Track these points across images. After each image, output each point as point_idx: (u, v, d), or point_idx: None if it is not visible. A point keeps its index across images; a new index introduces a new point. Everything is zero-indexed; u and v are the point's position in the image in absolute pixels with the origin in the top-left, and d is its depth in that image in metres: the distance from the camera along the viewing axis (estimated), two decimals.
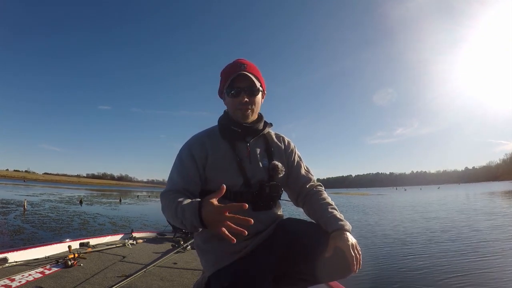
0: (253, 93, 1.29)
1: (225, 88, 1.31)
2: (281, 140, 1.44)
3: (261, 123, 1.37)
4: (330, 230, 1.15)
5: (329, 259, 1.10)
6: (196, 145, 1.29)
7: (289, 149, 1.43)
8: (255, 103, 1.31)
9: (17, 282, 2.07)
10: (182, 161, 1.27)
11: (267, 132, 1.41)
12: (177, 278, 2.40)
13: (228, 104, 1.34)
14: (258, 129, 1.35)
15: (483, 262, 5.29)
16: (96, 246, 3.33)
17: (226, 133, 1.32)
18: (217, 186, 1.15)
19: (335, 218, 1.18)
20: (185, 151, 1.29)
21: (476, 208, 16.89)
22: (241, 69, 1.28)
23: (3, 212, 12.63)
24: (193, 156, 1.26)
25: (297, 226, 1.24)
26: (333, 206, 1.26)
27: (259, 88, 1.31)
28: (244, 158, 1.29)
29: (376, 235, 8.69)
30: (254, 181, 1.27)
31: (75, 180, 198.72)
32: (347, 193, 78.18)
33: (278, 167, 1.29)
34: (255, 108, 1.32)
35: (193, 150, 1.28)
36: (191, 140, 1.33)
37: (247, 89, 1.28)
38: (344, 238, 1.10)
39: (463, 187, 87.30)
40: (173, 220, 1.15)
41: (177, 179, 1.24)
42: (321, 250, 1.12)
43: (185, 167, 1.25)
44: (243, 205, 0.99)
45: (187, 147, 1.30)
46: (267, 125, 1.39)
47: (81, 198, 24.16)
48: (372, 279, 4.57)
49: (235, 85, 1.28)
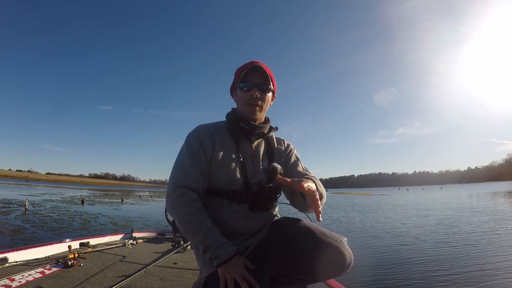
0: (264, 90, 1.31)
1: (238, 82, 1.32)
2: (281, 143, 1.46)
3: (267, 125, 1.38)
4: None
5: (324, 257, 1.12)
6: (205, 135, 1.28)
7: (288, 150, 1.45)
8: (265, 101, 1.32)
9: (17, 282, 2.07)
10: (193, 150, 1.25)
11: (271, 135, 1.43)
12: (177, 278, 2.39)
13: (239, 99, 1.34)
14: (263, 131, 1.37)
15: (484, 262, 5.26)
16: (96, 246, 3.33)
17: (233, 129, 1.32)
18: (218, 183, 1.25)
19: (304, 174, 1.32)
20: (193, 139, 1.27)
21: (479, 208, 16.81)
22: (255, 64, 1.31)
23: (4, 212, 12.67)
24: (202, 145, 1.25)
25: (293, 225, 1.24)
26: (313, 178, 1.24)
27: (271, 87, 1.33)
28: (247, 157, 1.30)
29: (376, 235, 8.66)
30: (253, 182, 1.28)
31: (77, 180, 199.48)
32: (349, 193, 78.16)
33: (277, 169, 1.30)
34: (264, 106, 1.33)
35: (203, 139, 1.26)
36: (199, 130, 1.31)
37: (260, 85, 1.29)
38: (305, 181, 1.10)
39: (466, 187, 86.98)
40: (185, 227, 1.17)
41: (192, 170, 1.21)
42: (317, 249, 1.13)
43: (196, 156, 1.23)
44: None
45: (196, 136, 1.28)
46: (272, 129, 1.42)
47: (83, 198, 24.21)
48: (371, 277, 4.56)
49: (248, 79, 1.29)
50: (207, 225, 1.15)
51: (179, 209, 1.18)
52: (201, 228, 1.14)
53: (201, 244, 1.14)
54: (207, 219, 1.17)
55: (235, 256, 1.12)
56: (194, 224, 1.15)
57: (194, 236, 1.16)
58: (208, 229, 1.14)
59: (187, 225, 1.16)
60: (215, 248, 1.12)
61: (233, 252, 1.12)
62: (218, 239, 1.14)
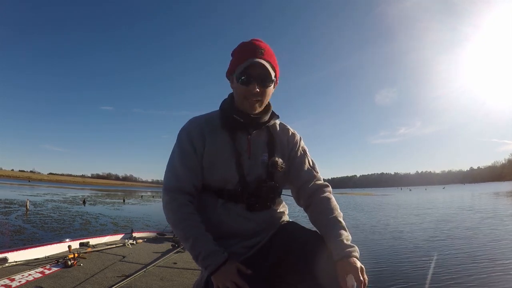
0: (265, 84, 1.16)
1: (236, 72, 1.17)
2: (286, 131, 1.31)
3: (267, 114, 1.24)
4: (337, 257, 1.02)
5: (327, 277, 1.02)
6: (195, 130, 1.19)
7: (293, 141, 1.29)
8: (266, 95, 1.18)
9: (17, 282, 2.07)
10: (182, 149, 1.18)
11: (272, 123, 1.27)
12: (177, 278, 2.39)
13: (236, 90, 1.20)
14: (263, 121, 1.22)
15: (484, 262, 5.23)
16: (96, 246, 3.33)
17: (226, 121, 1.20)
18: (210, 180, 1.17)
19: (343, 244, 1.04)
20: (184, 137, 1.20)
21: (482, 208, 16.75)
22: (257, 55, 1.13)
23: (5, 212, 12.65)
24: (192, 142, 1.17)
25: (298, 234, 1.15)
26: (342, 225, 1.12)
27: (273, 79, 1.17)
28: (243, 152, 1.18)
29: (376, 235, 8.63)
30: (251, 179, 1.17)
31: (79, 180, 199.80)
32: (352, 193, 78.07)
33: (277, 164, 1.18)
34: (264, 100, 1.19)
35: (193, 135, 1.18)
36: (190, 125, 1.22)
37: (260, 79, 1.14)
38: (352, 264, 0.99)
39: (469, 187, 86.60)
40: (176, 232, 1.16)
41: (182, 171, 1.16)
42: (319, 263, 1.05)
43: (187, 156, 1.17)
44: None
45: (186, 132, 1.20)
46: (273, 116, 1.26)
47: (84, 198, 24.26)
48: (371, 277, 4.53)
49: (248, 71, 1.13)
50: (196, 232, 1.10)
51: (170, 214, 1.15)
52: (190, 235, 1.10)
53: (190, 252, 1.12)
54: (197, 225, 1.12)
55: (227, 263, 1.07)
56: (184, 231, 1.12)
57: (184, 243, 1.14)
58: (197, 236, 1.10)
59: (178, 231, 1.14)
60: (203, 257, 1.08)
61: (222, 260, 1.07)
62: (207, 247, 1.09)
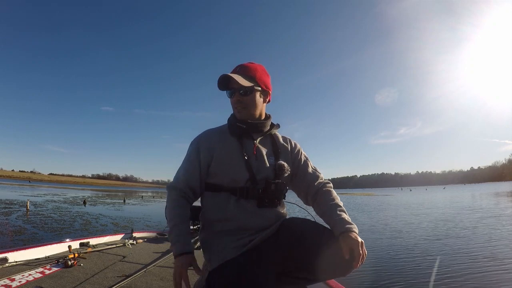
0: (245, 93, 1.34)
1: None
2: (287, 141, 1.49)
3: (267, 122, 1.42)
4: (338, 232, 1.19)
5: (331, 257, 1.14)
6: (204, 140, 1.38)
7: (295, 150, 1.48)
8: (249, 101, 1.36)
9: (17, 282, 2.07)
10: (189, 155, 1.38)
11: (274, 133, 1.47)
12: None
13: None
14: (264, 128, 1.40)
15: (484, 262, 5.23)
16: (96, 246, 3.32)
17: (233, 129, 1.39)
18: (223, 181, 1.31)
19: (343, 221, 1.22)
20: (192, 145, 1.39)
21: (482, 208, 16.72)
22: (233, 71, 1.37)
23: (6, 213, 12.70)
24: (199, 151, 1.35)
25: (302, 226, 1.28)
26: (341, 208, 1.30)
27: (250, 87, 1.34)
28: (251, 155, 1.34)
29: (376, 235, 8.64)
30: (259, 178, 1.31)
31: (80, 180, 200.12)
32: (352, 193, 78.11)
33: (284, 166, 1.34)
34: (249, 106, 1.36)
35: (200, 144, 1.36)
36: (201, 135, 1.42)
37: (238, 90, 1.34)
38: (353, 237, 1.14)
39: (469, 188, 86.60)
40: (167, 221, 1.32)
41: (182, 173, 1.35)
42: (324, 251, 1.16)
43: (190, 162, 1.35)
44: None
45: (196, 141, 1.39)
46: (273, 126, 1.45)
47: (85, 199, 24.28)
48: (371, 277, 4.54)
49: (230, 86, 1.35)
50: (176, 220, 1.27)
51: (167, 204, 1.34)
52: (171, 219, 1.28)
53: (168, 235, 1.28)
54: (181, 214, 1.29)
55: (183, 255, 1.20)
56: (169, 217, 1.29)
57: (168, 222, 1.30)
58: (175, 223, 1.26)
59: (168, 214, 1.31)
60: (171, 243, 1.25)
61: (179, 252, 1.20)
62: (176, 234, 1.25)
